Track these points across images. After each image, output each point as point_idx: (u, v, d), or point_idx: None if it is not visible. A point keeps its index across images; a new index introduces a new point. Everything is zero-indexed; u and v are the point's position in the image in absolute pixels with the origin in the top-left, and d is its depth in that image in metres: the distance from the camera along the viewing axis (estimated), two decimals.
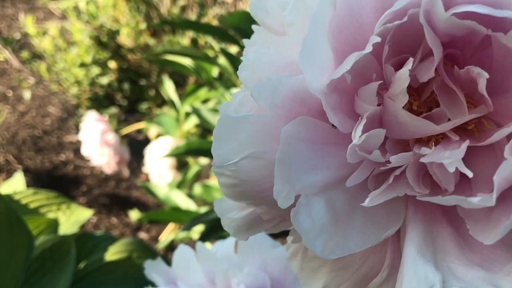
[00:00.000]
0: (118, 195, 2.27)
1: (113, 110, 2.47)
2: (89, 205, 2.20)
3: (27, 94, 2.56)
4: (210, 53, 2.04)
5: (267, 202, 0.32)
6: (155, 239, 2.10)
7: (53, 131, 2.48)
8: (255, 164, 0.31)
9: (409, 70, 0.27)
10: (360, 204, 0.30)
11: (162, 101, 2.41)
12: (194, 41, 2.35)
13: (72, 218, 1.11)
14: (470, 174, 0.26)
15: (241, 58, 0.32)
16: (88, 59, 2.39)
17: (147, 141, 2.08)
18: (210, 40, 2.07)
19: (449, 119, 0.30)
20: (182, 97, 1.90)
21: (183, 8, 2.47)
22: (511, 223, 0.23)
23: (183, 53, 1.63)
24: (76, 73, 2.39)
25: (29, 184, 2.19)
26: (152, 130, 2.05)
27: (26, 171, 2.27)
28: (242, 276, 0.58)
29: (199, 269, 0.61)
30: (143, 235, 2.14)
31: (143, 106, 2.47)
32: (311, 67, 0.28)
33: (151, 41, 2.44)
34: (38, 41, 2.38)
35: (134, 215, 2.08)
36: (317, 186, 0.31)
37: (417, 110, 0.32)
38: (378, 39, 0.27)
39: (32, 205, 1.07)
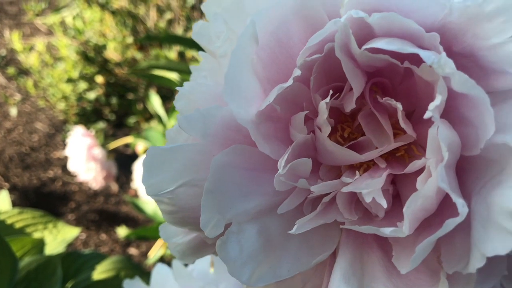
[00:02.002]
0: (107, 211, 2.26)
1: (101, 124, 2.47)
2: (78, 221, 2.20)
3: (13, 111, 2.56)
4: None
5: None
6: (145, 255, 2.10)
7: (41, 148, 2.48)
8: (191, 191, 0.32)
9: (326, 103, 0.28)
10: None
11: (150, 115, 2.41)
12: (181, 54, 2.37)
13: (59, 237, 1.11)
14: (384, 204, 0.26)
15: (178, 88, 0.33)
16: (75, 74, 2.39)
17: (135, 155, 2.08)
18: (196, 54, 2.08)
19: (377, 147, 0.31)
20: (170, 110, 1.91)
21: (170, 22, 2.48)
22: (419, 255, 0.24)
23: (168, 67, 1.64)
24: (63, 88, 2.39)
25: (16, 202, 2.19)
26: (140, 145, 2.05)
27: (14, 188, 2.26)
28: None
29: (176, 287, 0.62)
30: (133, 250, 2.13)
31: (131, 120, 2.48)
32: (236, 99, 0.29)
33: (138, 55, 2.45)
34: (24, 57, 2.39)
35: (122, 231, 2.08)
36: (250, 213, 0.31)
37: (349, 137, 0.33)
38: (299, 73, 0.28)
39: (17, 225, 1.06)
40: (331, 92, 0.28)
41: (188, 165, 0.32)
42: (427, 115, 0.23)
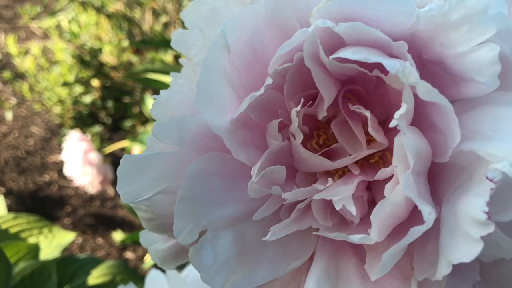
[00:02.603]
0: (103, 214, 2.26)
1: (97, 128, 2.47)
2: (74, 225, 2.20)
3: (9, 115, 2.56)
4: None
5: None
6: (142, 259, 2.10)
7: (37, 152, 2.48)
8: (168, 198, 0.32)
9: (297, 111, 0.28)
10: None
11: (146, 119, 2.41)
12: (177, 58, 2.37)
13: (54, 242, 1.11)
14: (354, 211, 0.27)
15: (154, 96, 0.33)
16: (71, 78, 2.39)
17: None
18: None
19: (350, 154, 0.31)
20: None
21: (166, 25, 2.48)
22: (386, 263, 0.24)
23: (164, 71, 1.64)
24: (59, 92, 2.39)
25: (12, 207, 2.18)
26: (136, 149, 2.05)
27: (9, 193, 2.26)
28: None
29: None
30: (129, 254, 2.13)
31: (128, 123, 2.48)
32: (209, 108, 0.29)
33: (134, 59, 2.45)
34: (20, 61, 2.39)
35: (118, 236, 2.08)
36: (226, 220, 0.32)
37: (324, 144, 0.33)
38: (270, 81, 0.28)
39: (12, 230, 1.06)
40: (302, 100, 0.29)
41: (164, 172, 0.32)
42: (392, 123, 0.24)
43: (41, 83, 2.38)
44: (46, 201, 2.27)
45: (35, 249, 1.00)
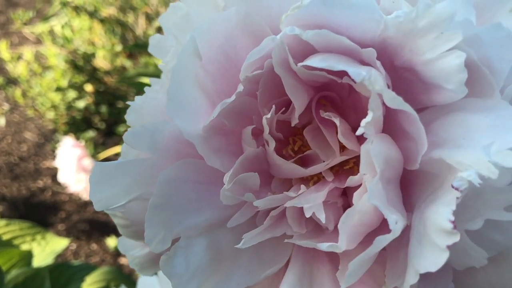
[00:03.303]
0: (97, 220, 2.25)
1: (91, 133, 2.46)
2: (68, 231, 2.18)
3: (2, 121, 2.55)
4: None
5: None
6: None
7: (30, 157, 2.47)
8: (143, 205, 0.32)
9: (267, 118, 0.28)
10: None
11: None
12: None
13: (47, 248, 1.10)
14: (323, 219, 0.26)
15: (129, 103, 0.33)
16: (64, 83, 2.38)
17: None
18: None
19: (324, 160, 0.31)
20: None
21: (159, 29, 2.48)
22: (353, 272, 0.24)
23: (157, 75, 1.63)
24: (52, 97, 2.38)
25: (5, 213, 2.17)
26: None
27: (2, 199, 2.25)
28: None
29: None
30: (124, 260, 2.12)
31: (121, 128, 2.47)
32: (180, 114, 0.29)
33: (128, 63, 2.45)
34: (12, 66, 2.38)
35: (112, 242, 2.07)
36: (201, 227, 0.31)
37: (300, 150, 0.33)
38: (241, 88, 0.28)
39: (5, 237, 1.06)
40: (273, 107, 0.28)
41: (138, 179, 0.32)
42: (359, 131, 0.23)
43: (34, 89, 2.37)
44: (39, 207, 2.26)
45: (28, 256, 0.99)
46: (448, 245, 0.22)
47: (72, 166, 1.83)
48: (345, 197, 0.31)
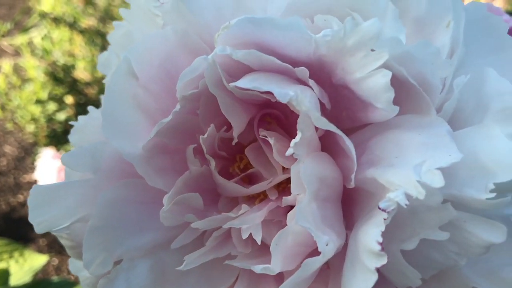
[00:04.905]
0: None
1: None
2: (49, 246, 2.15)
3: None
4: None
5: None
6: None
7: (10, 171, 2.44)
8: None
9: (203, 138, 0.28)
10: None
11: None
12: None
13: (26, 266, 1.08)
14: (259, 241, 0.26)
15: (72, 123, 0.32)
16: (44, 95, 2.36)
17: None
18: None
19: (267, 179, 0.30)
20: None
21: None
22: None
23: None
24: (32, 110, 2.36)
25: None
26: None
27: None
28: None
29: None
30: None
31: None
32: (117, 136, 0.28)
33: None
34: None
35: None
36: (144, 248, 0.31)
37: (246, 167, 0.32)
38: (178, 108, 0.27)
39: None
40: (211, 127, 0.28)
41: (82, 200, 0.31)
42: (288, 152, 0.23)
43: (13, 101, 2.34)
44: (20, 222, 2.23)
45: (5, 274, 0.98)
46: (376, 267, 0.21)
47: (52, 178, 1.81)
48: None
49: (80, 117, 0.33)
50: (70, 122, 0.33)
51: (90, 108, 0.34)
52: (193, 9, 0.27)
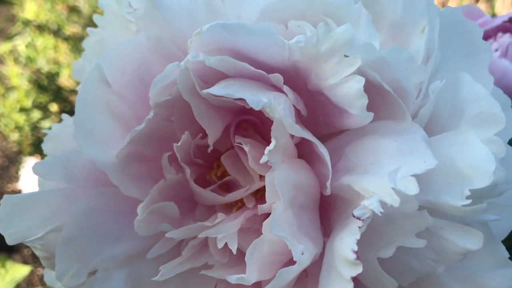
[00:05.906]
0: None
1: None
2: (34, 256, 2.12)
3: None
4: None
5: None
6: None
7: None
8: None
9: (177, 146, 0.27)
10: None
11: None
12: None
13: (7, 277, 1.07)
14: (234, 250, 0.26)
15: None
16: (28, 103, 2.34)
17: None
18: None
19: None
20: None
21: None
22: None
23: None
24: (16, 118, 2.33)
25: None
26: None
27: None
28: None
29: None
30: None
31: None
32: (90, 144, 0.28)
33: None
34: None
35: None
36: (120, 258, 0.30)
37: (223, 175, 0.32)
38: (152, 115, 0.27)
39: None
40: (186, 134, 0.28)
41: (55, 210, 0.30)
42: (262, 159, 0.23)
43: None
44: None
45: None
46: (352, 276, 0.21)
47: (37, 187, 1.78)
48: None
49: (54, 125, 0.32)
50: (43, 131, 0.32)
51: (64, 115, 0.33)
52: (166, 15, 0.27)
